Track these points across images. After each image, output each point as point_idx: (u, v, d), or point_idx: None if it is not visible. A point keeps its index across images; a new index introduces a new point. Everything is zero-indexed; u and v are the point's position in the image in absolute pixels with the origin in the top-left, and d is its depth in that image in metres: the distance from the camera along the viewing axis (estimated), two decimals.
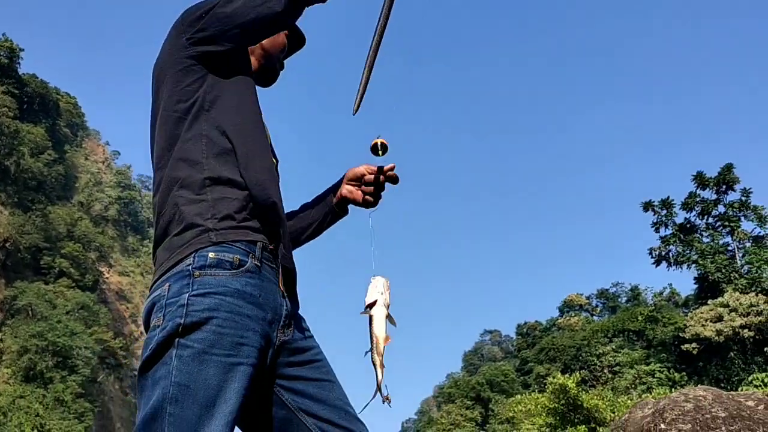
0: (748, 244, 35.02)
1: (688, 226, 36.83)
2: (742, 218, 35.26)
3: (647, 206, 37.44)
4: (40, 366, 45.50)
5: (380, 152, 1.73)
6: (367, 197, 1.83)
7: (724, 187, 35.40)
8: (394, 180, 1.83)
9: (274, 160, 1.69)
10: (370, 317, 1.63)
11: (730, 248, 35.42)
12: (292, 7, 1.57)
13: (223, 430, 1.35)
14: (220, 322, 1.39)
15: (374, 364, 1.63)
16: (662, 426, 3.17)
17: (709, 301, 31.40)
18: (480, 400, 48.44)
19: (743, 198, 35.12)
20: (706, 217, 36.42)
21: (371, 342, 1.63)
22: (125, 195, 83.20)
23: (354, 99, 1.82)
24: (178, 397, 1.32)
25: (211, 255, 1.45)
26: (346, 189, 1.85)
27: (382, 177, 1.80)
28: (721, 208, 35.95)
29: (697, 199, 36.21)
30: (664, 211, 37.17)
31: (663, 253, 37.15)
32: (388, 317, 1.64)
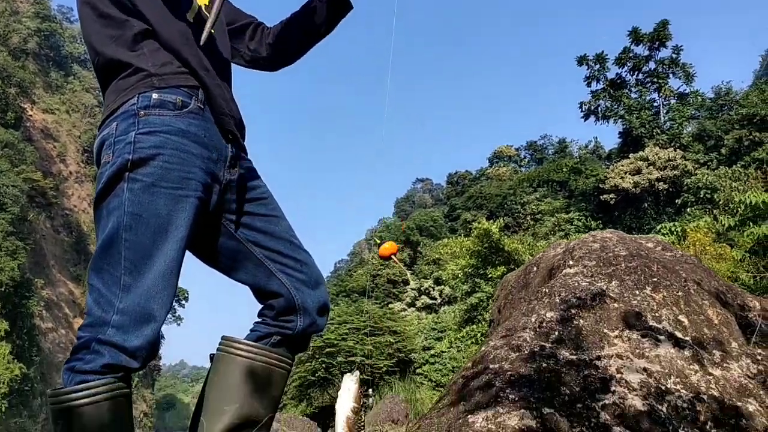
0: (673, 101, 36.19)
1: (618, 81, 37.49)
2: (671, 75, 36.09)
3: (582, 60, 37.64)
4: None
5: None
6: None
7: (657, 43, 35.78)
8: None
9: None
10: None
11: (655, 104, 36.57)
12: None
13: (175, 254, 1.48)
14: (167, 158, 1.49)
15: None
16: (570, 262, 3.51)
17: (631, 155, 32.87)
18: (409, 243, 50.69)
19: (674, 55, 35.72)
20: (636, 73, 37.06)
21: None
22: (45, 27, 76.95)
23: None
24: (132, 224, 1.44)
25: (154, 96, 1.54)
26: None
27: None
28: (651, 65, 36.58)
29: (630, 55, 36.59)
30: (597, 66, 37.55)
31: (592, 107, 37.99)
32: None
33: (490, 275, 17.19)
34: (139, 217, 1.44)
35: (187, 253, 1.55)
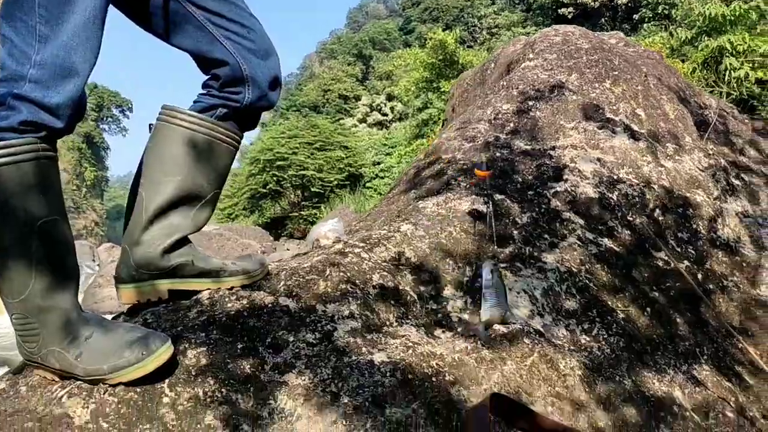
0: None
1: None
2: None
3: None
4: None
5: None
6: None
7: None
8: None
9: None
10: None
11: None
12: None
13: (98, 0, 1.27)
14: None
15: None
16: (531, 55, 3.34)
17: None
18: (362, 57, 49.30)
19: None
20: None
21: None
22: None
23: None
24: None
25: None
26: None
27: None
28: None
29: None
30: None
31: None
32: None
33: (443, 89, 16.94)
34: None
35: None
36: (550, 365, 1.76)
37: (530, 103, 3.01)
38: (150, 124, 1.62)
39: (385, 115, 38.50)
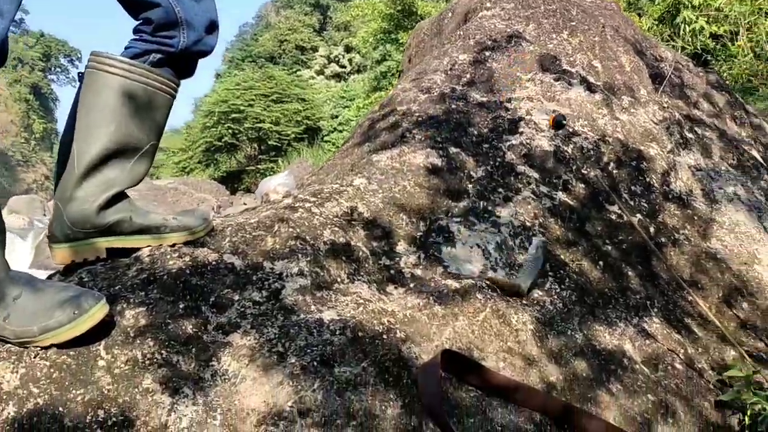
0: None
1: None
2: None
3: None
4: None
5: None
6: None
7: None
8: None
9: None
10: None
11: None
12: None
13: None
14: None
15: None
16: (488, 5, 3.26)
17: None
18: (319, 7, 48.12)
19: None
20: None
21: None
22: None
23: None
24: None
25: None
26: None
27: None
28: None
29: None
30: None
31: None
32: None
33: (402, 40, 16.68)
34: None
35: None
36: (502, 320, 1.74)
37: (487, 53, 2.95)
38: (79, 73, 1.51)
39: (343, 67, 37.91)
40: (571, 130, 2.59)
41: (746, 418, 1.89)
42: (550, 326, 1.83)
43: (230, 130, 30.17)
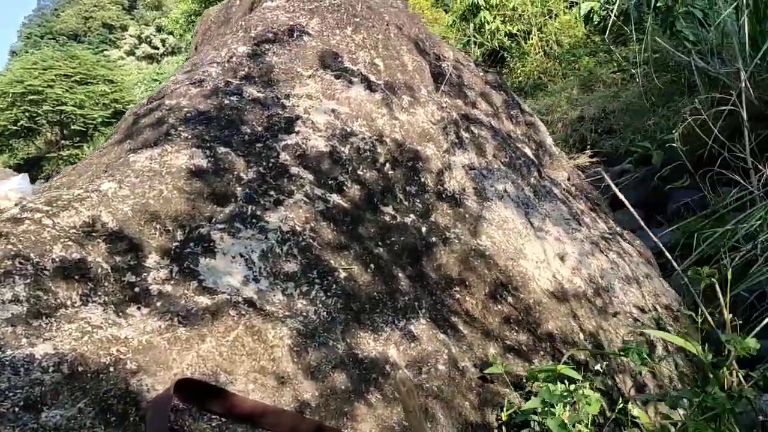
0: None
1: None
2: None
3: None
4: None
5: None
6: None
7: None
8: None
9: None
10: None
11: None
12: None
13: None
14: None
15: None
16: None
17: None
18: None
19: None
20: None
21: None
22: None
23: None
24: None
25: None
26: None
27: None
28: None
29: None
30: None
31: None
32: None
33: None
34: None
35: None
36: (256, 337, 1.64)
37: (267, 46, 2.82)
38: None
39: (156, 48, 35.87)
40: (349, 130, 2.55)
41: (503, 415, 1.96)
42: (312, 338, 1.76)
43: (27, 113, 27.44)
